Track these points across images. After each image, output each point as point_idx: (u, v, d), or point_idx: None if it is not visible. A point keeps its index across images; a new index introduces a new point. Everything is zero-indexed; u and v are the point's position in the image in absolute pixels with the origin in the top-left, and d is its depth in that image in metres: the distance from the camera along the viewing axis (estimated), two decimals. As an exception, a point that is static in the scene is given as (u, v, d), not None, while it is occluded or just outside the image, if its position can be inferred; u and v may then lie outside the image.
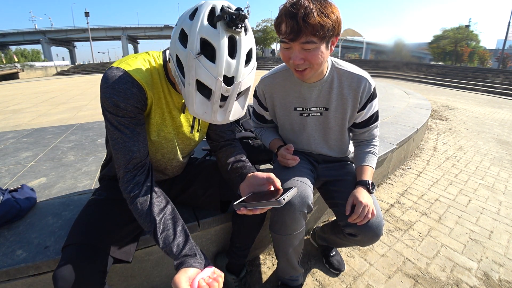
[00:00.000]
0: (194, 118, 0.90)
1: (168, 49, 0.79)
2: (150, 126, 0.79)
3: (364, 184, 0.98)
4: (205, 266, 0.63)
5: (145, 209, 0.67)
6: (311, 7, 0.75)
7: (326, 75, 0.98)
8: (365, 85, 0.98)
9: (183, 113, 0.86)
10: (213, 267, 0.63)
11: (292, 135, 1.15)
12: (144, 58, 0.73)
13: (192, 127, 0.91)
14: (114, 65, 0.68)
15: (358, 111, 1.03)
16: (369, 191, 0.97)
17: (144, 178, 0.70)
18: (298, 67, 0.85)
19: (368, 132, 1.10)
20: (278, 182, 0.75)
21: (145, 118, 0.76)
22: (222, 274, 0.62)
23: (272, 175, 0.76)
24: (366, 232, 0.94)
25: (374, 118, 1.07)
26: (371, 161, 1.06)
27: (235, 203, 0.71)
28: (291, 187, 0.69)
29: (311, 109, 1.04)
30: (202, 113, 0.60)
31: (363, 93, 0.99)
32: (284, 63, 0.99)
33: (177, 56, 0.59)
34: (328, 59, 0.98)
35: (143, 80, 0.69)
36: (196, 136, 0.95)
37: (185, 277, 0.57)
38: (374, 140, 1.13)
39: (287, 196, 0.64)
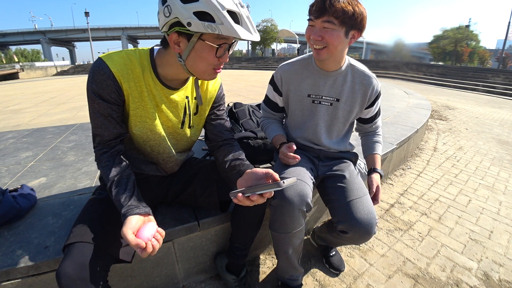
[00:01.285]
0: (184, 114, 0.91)
1: (156, 45, 0.83)
2: (132, 118, 0.82)
3: (379, 172, 1.13)
4: (146, 214, 0.73)
5: (107, 169, 0.78)
6: None
7: (343, 68, 1.05)
8: (374, 84, 1.07)
9: (200, 104, 0.90)
10: (156, 225, 0.71)
11: (301, 122, 1.17)
12: (128, 53, 0.79)
13: (183, 122, 0.92)
14: (100, 56, 0.76)
15: (366, 108, 1.12)
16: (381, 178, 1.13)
17: (111, 150, 0.81)
18: (316, 43, 0.92)
19: (375, 125, 1.23)
20: (276, 175, 0.75)
21: (127, 110, 0.82)
22: (164, 234, 0.72)
23: (270, 170, 0.76)
24: (357, 229, 0.95)
25: (378, 112, 1.21)
26: (379, 149, 1.22)
27: (231, 192, 0.71)
28: (289, 177, 0.69)
29: (323, 97, 1.09)
30: (245, 34, 0.68)
31: (372, 91, 1.08)
32: (304, 56, 1.12)
33: (195, 13, 0.65)
34: (346, 57, 1.06)
35: (119, 73, 0.75)
36: (188, 132, 0.96)
37: (129, 228, 0.66)
38: (378, 130, 1.26)
39: (286, 181, 0.64)
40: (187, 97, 0.90)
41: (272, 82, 1.19)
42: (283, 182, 0.63)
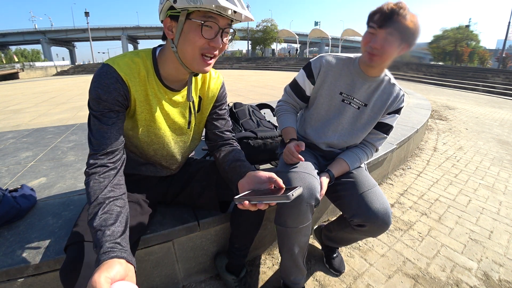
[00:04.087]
0: (190, 114, 0.91)
1: (159, 45, 0.83)
2: (138, 122, 0.81)
3: (330, 173, 1.07)
4: (132, 266, 0.54)
5: (99, 187, 0.65)
6: (407, 12, 0.87)
7: (381, 76, 1.07)
8: (401, 98, 1.09)
9: (189, 100, 0.87)
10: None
11: (325, 117, 1.15)
12: (131, 56, 0.77)
13: (189, 123, 0.92)
14: (105, 62, 0.74)
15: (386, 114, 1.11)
16: (331, 181, 1.07)
17: (112, 164, 0.70)
18: (373, 51, 0.93)
19: (374, 137, 1.15)
20: (280, 181, 0.73)
21: (131, 114, 0.80)
22: None
23: (273, 174, 0.75)
24: (375, 220, 0.94)
25: (387, 128, 1.14)
26: (351, 159, 1.12)
27: (236, 197, 0.70)
28: (296, 186, 0.68)
29: (354, 99, 1.09)
30: (230, 3, 0.66)
31: (396, 103, 1.09)
32: (348, 54, 1.12)
33: None
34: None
35: (127, 77, 0.74)
36: (193, 131, 0.96)
37: (106, 275, 0.47)
38: (372, 151, 1.17)
39: (295, 192, 0.63)
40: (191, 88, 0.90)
41: (307, 68, 1.15)
42: (292, 195, 0.63)
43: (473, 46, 35.73)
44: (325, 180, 1.03)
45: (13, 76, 25.90)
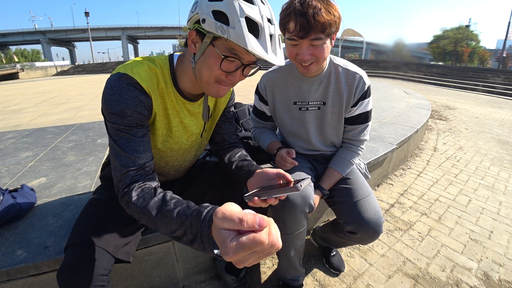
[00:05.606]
0: (205, 123, 0.89)
1: (178, 52, 0.79)
2: (155, 136, 0.78)
3: (322, 191, 1.06)
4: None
5: (146, 197, 0.60)
6: (319, 6, 0.79)
7: (325, 70, 1.01)
8: (359, 81, 0.99)
9: (205, 120, 0.83)
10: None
11: (291, 131, 1.15)
12: (150, 65, 0.71)
13: (203, 131, 0.90)
14: (120, 71, 0.66)
15: (351, 107, 1.04)
16: (322, 197, 1.07)
17: (147, 176, 0.66)
18: (305, 62, 0.88)
19: (355, 131, 1.09)
20: (288, 176, 0.72)
21: (150, 127, 0.75)
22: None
23: (281, 170, 0.74)
24: (366, 229, 0.94)
25: (363, 117, 1.06)
26: (343, 168, 1.08)
27: (245, 195, 0.69)
28: (304, 178, 0.67)
29: (309, 103, 1.06)
30: (259, 50, 0.60)
31: (357, 90, 1.00)
32: (286, 60, 1.04)
33: (213, 12, 0.59)
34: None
35: (150, 89, 0.68)
36: (205, 138, 0.95)
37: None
38: (359, 147, 1.11)
39: (303, 183, 0.63)
40: (207, 106, 0.87)
41: (257, 91, 1.16)
42: (300, 186, 0.62)
43: (473, 46, 35.72)
44: (317, 198, 1.02)
45: (13, 76, 25.92)
